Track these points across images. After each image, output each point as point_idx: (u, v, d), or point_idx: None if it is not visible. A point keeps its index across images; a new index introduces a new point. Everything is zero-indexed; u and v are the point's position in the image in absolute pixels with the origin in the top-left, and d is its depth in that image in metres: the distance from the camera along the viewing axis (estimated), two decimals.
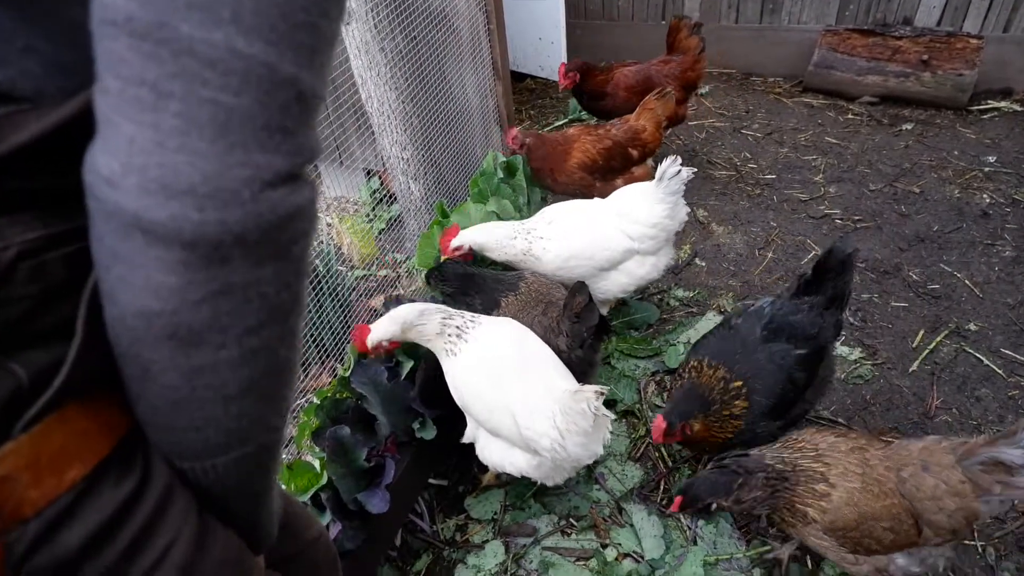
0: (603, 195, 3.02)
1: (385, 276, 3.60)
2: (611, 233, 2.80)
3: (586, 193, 3.39)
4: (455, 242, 2.75)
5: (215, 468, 0.74)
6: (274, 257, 0.64)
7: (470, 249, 2.78)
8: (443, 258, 2.78)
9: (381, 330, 2.17)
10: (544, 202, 3.57)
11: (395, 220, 3.86)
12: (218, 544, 0.80)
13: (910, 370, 2.87)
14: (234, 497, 0.81)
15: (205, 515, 0.80)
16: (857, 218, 3.75)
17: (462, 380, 2.18)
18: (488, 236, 2.78)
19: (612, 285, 2.90)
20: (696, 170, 2.88)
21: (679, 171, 2.67)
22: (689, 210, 2.89)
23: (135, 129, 0.55)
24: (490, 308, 2.55)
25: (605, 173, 3.47)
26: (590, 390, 1.92)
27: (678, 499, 1.86)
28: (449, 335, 2.17)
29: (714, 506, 1.81)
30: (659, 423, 2.11)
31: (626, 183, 3.30)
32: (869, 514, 1.75)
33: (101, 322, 0.65)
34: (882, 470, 1.78)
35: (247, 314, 0.64)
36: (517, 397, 2.09)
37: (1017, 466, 1.68)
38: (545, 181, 3.48)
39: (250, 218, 0.59)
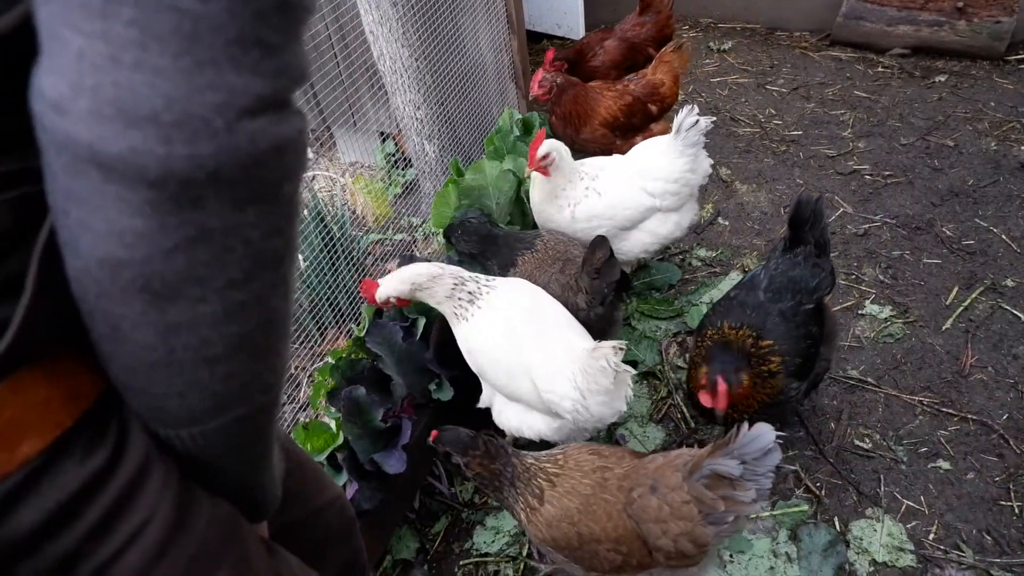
0: (622, 154, 2.93)
1: (401, 239, 3.55)
2: (631, 190, 2.70)
3: (606, 151, 3.28)
4: (542, 149, 2.56)
5: (203, 435, 0.67)
6: (258, 198, 0.56)
7: (552, 161, 2.59)
8: (461, 213, 2.65)
9: (390, 288, 2.09)
10: None
11: (411, 184, 3.79)
12: (202, 518, 0.73)
13: (943, 328, 2.76)
14: (227, 464, 0.74)
15: (190, 486, 0.73)
16: (888, 173, 3.61)
17: (476, 346, 2.12)
18: (567, 159, 2.66)
19: (634, 245, 2.81)
20: (715, 119, 2.76)
21: (697, 121, 2.57)
22: (712, 162, 2.79)
23: (83, 42, 0.47)
24: (507, 267, 2.48)
25: (626, 131, 3.36)
26: (607, 346, 1.86)
27: (434, 432, 1.89)
28: (460, 299, 2.09)
29: (454, 458, 1.84)
30: (721, 386, 1.89)
31: (645, 140, 3.20)
32: (589, 535, 1.68)
33: (57, 278, 0.57)
34: (614, 491, 1.69)
35: (229, 264, 0.57)
36: (535, 360, 2.04)
37: (736, 478, 1.54)
38: (567, 133, 3.36)
39: (225, 152, 0.51)
